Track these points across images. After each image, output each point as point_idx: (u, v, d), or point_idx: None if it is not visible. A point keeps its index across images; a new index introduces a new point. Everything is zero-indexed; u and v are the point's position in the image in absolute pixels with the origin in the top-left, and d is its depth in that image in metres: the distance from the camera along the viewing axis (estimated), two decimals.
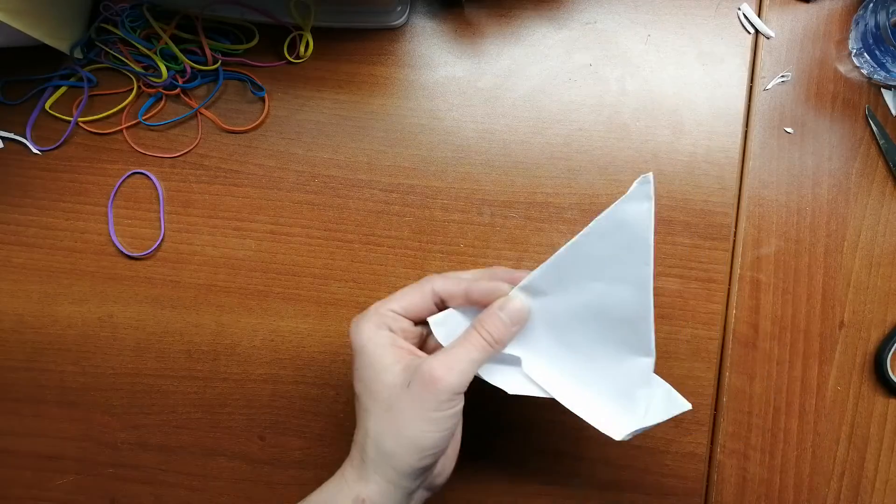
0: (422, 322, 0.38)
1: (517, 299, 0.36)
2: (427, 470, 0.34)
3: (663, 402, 0.37)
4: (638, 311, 0.35)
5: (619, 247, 0.34)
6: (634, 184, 0.33)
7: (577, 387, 0.38)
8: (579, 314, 0.36)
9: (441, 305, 0.38)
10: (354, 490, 0.34)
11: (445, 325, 0.37)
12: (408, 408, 0.33)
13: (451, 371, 0.33)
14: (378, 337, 0.35)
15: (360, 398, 0.35)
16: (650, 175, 0.33)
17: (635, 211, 0.33)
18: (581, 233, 0.35)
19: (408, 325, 0.37)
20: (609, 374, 0.37)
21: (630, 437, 0.36)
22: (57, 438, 0.48)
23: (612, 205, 0.34)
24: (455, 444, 0.39)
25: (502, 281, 0.36)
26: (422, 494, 0.37)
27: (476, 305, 0.37)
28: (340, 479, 0.35)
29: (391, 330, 0.36)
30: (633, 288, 0.35)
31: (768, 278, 0.46)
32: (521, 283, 0.36)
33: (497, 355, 0.37)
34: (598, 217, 0.34)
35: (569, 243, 0.35)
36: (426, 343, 0.39)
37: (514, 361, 0.38)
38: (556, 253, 0.35)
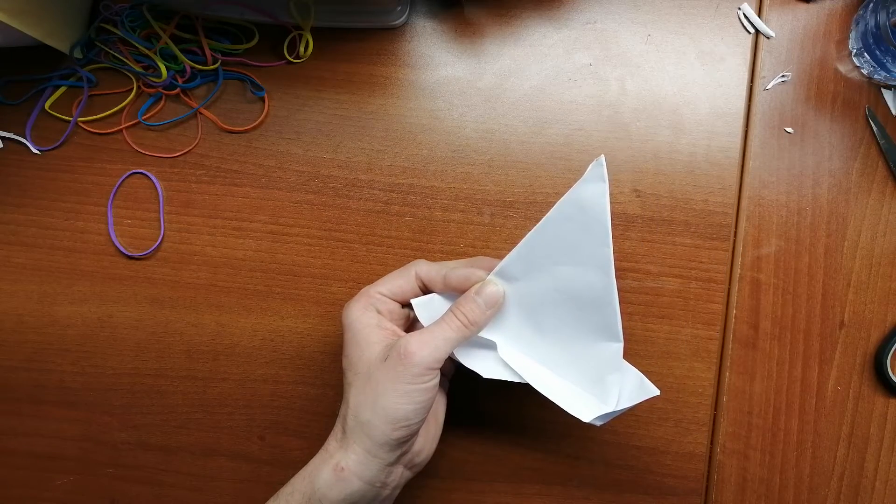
0: (409, 304, 0.40)
1: (492, 284, 0.37)
2: (403, 443, 0.36)
3: (633, 388, 0.37)
4: (603, 295, 0.36)
5: (579, 229, 0.35)
6: (589, 167, 0.34)
7: (550, 371, 0.39)
8: (550, 299, 0.37)
9: (425, 289, 0.40)
10: (335, 458, 0.35)
11: (427, 308, 0.39)
12: (383, 379, 0.35)
13: (424, 346, 0.35)
14: (365, 318, 0.37)
15: (345, 374, 0.37)
16: (602, 158, 0.34)
17: (591, 193, 0.34)
18: (544, 217, 0.35)
19: (395, 306, 0.39)
20: (580, 359, 0.38)
21: (600, 421, 0.37)
22: (57, 438, 0.48)
23: (571, 188, 0.34)
24: (437, 425, 0.40)
25: (484, 269, 0.38)
26: (402, 473, 0.38)
27: (453, 291, 0.38)
28: (324, 451, 0.37)
29: (378, 311, 0.38)
30: (596, 271, 0.35)
31: (768, 278, 0.46)
32: (495, 270, 0.38)
33: (474, 339, 0.38)
34: (559, 201, 0.35)
35: (534, 228, 0.36)
36: (413, 326, 0.41)
37: (491, 346, 0.39)
38: (524, 238, 0.36)
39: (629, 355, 0.38)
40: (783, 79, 0.47)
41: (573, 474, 0.46)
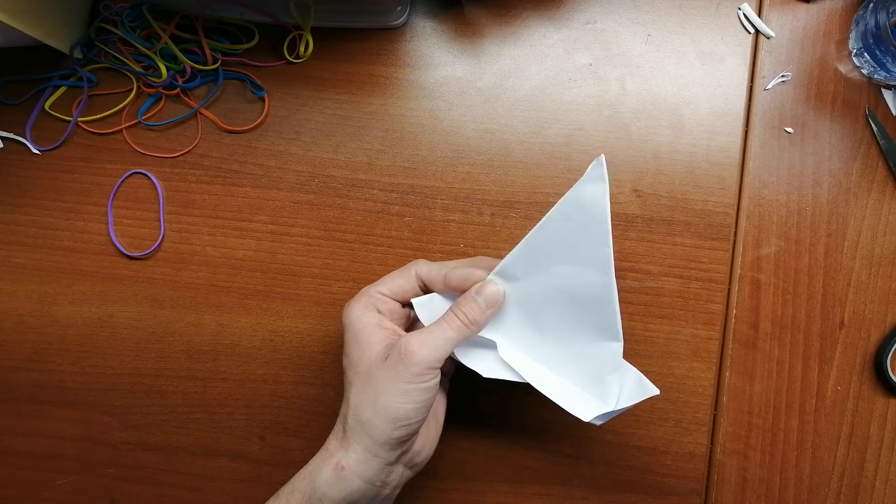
0: (409, 304, 0.40)
1: (493, 283, 0.38)
2: (403, 442, 0.36)
3: (633, 387, 0.37)
4: (603, 295, 0.36)
5: (579, 229, 0.35)
6: (589, 167, 0.34)
7: (550, 371, 0.39)
8: (550, 298, 0.37)
9: (425, 289, 0.40)
10: (335, 457, 0.35)
11: (428, 308, 0.39)
12: (384, 378, 0.35)
13: (424, 346, 0.35)
14: (366, 317, 0.37)
15: (346, 373, 0.37)
16: (602, 157, 0.34)
17: (591, 192, 0.34)
18: (544, 217, 0.35)
19: (395, 306, 0.39)
20: (580, 359, 0.38)
21: (599, 420, 0.37)
22: (57, 438, 0.48)
23: (571, 188, 0.34)
24: (437, 424, 0.40)
25: (484, 269, 0.38)
26: (402, 472, 0.38)
27: (453, 291, 0.38)
28: (324, 450, 0.37)
29: (379, 311, 0.38)
30: (596, 270, 0.36)
31: (768, 278, 0.46)
32: (496, 269, 0.38)
33: (474, 339, 0.39)
34: (559, 201, 0.35)
35: (534, 228, 0.36)
36: (414, 326, 0.41)
37: (491, 346, 0.39)
38: (524, 238, 0.36)
39: (629, 355, 0.38)
40: (783, 79, 0.47)
41: (573, 474, 0.46)
